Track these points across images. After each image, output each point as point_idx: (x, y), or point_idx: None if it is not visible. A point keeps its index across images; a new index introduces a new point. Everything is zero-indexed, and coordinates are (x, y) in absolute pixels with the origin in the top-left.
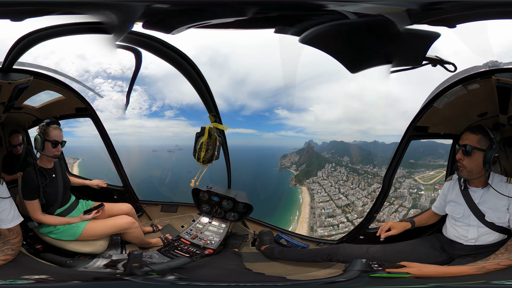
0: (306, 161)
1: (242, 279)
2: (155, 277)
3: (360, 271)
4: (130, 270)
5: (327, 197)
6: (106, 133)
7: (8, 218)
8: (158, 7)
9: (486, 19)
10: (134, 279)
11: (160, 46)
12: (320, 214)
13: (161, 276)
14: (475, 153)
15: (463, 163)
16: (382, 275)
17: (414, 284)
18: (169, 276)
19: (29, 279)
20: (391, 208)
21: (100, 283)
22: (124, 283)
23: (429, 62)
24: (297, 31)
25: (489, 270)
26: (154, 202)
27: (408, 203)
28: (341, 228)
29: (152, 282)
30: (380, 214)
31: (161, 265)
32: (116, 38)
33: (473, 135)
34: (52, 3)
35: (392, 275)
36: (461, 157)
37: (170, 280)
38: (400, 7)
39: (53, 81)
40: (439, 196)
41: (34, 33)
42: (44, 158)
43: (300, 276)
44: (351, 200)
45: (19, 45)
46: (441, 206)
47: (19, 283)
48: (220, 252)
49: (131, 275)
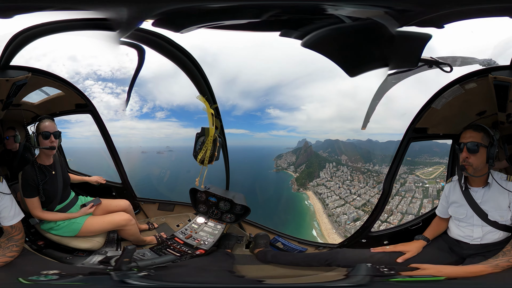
0: (305, 161)
1: (217, 280)
2: (132, 273)
3: (368, 275)
4: (118, 265)
5: (341, 200)
6: (106, 130)
7: (10, 215)
8: (171, 7)
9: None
10: (116, 275)
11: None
12: (346, 221)
13: (139, 272)
14: (480, 150)
15: (470, 161)
16: (406, 279)
17: (446, 285)
18: (141, 273)
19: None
20: (405, 201)
21: (85, 278)
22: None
23: (425, 63)
24: (300, 35)
25: (503, 268)
26: (151, 200)
27: (419, 194)
28: (379, 228)
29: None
30: (400, 207)
31: (146, 261)
32: (121, 35)
33: (476, 132)
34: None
35: (421, 279)
36: (467, 155)
37: (139, 276)
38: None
39: (52, 77)
40: (441, 199)
41: (31, 29)
42: (43, 155)
43: (291, 280)
44: (366, 199)
45: (15, 41)
46: (444, 208)
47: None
48: (212, 253)
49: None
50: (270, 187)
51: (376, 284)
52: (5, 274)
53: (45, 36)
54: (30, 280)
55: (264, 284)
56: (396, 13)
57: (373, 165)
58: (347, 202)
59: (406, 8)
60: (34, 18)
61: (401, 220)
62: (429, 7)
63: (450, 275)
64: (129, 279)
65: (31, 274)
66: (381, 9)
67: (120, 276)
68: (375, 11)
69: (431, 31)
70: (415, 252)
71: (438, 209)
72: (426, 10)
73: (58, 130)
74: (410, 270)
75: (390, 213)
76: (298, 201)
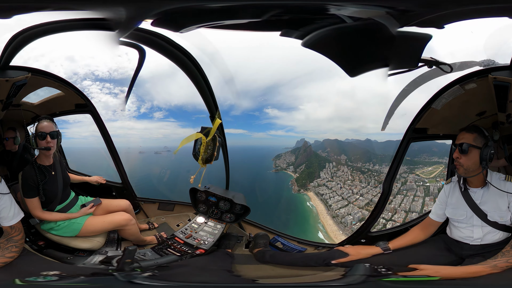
0: (305, 161)
1: (216, 280)
2: (136, 274)
3: (365, 275)
4: (121, 265)
5: (344, 201)
6: (106, 130)
7: (9, 215)
8: (171, 6)
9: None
10: (120, 275)
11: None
12: (351, 221)
13: (143, 272)
14: (471, 151)
15: (460, 161)
16: (401, 279)
17: (442, 285)
18: (146, 273)
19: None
20: (407, 199)
21: (88, 279)
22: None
23: (425, 64)
24: (301, 35)
25: (502, 268)
26: (151, 200)
27: (420, 193)
28: (385, 226)
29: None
30: (403, 205)
31: (149, 261)
32: (120, 35)
33: (468, 134)
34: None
35: (417, 279)
36: (458, 156)
37: (144, 276)
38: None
39: (52, 77)
40: (439, 200)
41: (30, 29)
42: (42, 155)
43: (289, 280)
44: (368, 198)
45: (15, 42)
46: (441, 210)
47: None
48: (212, 253)
49: (120, 271)
50: (270, 188)
51: (372, 284)
52: (6, 274)
53: (44, 36)
54: (31, 280)
55: (263, 284)
56: (398, 13)
57: (373, 165)
58: (350, 202)
59: (407, 8)
60: (34, 18)
61: (405, 218)
62: (430, 7)
63: (448, 276)
64: (134, 279)
65: (32, 275)
66: (383, 9)
67: (125, 277)
68: (377, 11)
69: (432, 31)
70: (355, 258)
71: (435, 212)
72: (427, 10)
73: (56, 130)
74: (408, 270)
75: (394, 212)
76: (300, 202)
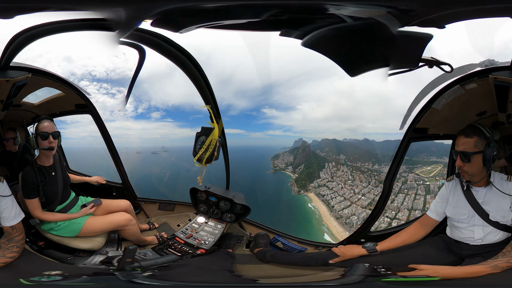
0: (304, 161)
1: (217, 280)
2: (137, 273)
3: (364, 275)
4: (121, 265)
5: (346, 201)
6: (106, 130)
7: (11, 216)
8: (170, 6)
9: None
10: (121, 275)
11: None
12: (356, 221)
13: (144, 271)
14: (474, 157)
15: (464, 169)
16: (400, 279)
17: (442, 285)
18: (147, 273)
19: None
20: (409, 198)
21: (89, 278)
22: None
23: (425, 63)
24: (300, 34)
25: (503, 269)
26: (152, 200)
27: (421, 191)
28: (391, 224)
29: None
30: (405, 204)
31: (150, 261)
32: (120, 35)
33: (468, 139)
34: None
35: (416, 279)
36: (461, 164)
37: (145, 276)
38: (390, 9)
39: (52, 78)
40: (439, 197)
41: (31, 30)
42: (43, 156)
43: (289, 279)
44: (371, 198)
45: (16, 42)
46: (441, 208)
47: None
48: (213, 253)
49: (120, 270)
50: (269, 189)
51: (372, 284)
52: (6, 274)
53: (45, 37)
54: (32, 280)
55: (263, 283)
56: (399, 13)
57: (373, 165)
58: (353, 202)
59: (409, 8)
60: (35, 19)
61: (409, 216)
62: (431, 7)
63: (448, 276)
64: (135, 279)
65: (32, 275)
66: (384, 9)
67: (126, 276)
68: (378, 11)
69: (432, 31)
70: (342, 259)
71: (434, 210)
72: (429, 10)
73: (58, 130)
74: (408, 270)
75: (397, 210)
76: (301, 204)
